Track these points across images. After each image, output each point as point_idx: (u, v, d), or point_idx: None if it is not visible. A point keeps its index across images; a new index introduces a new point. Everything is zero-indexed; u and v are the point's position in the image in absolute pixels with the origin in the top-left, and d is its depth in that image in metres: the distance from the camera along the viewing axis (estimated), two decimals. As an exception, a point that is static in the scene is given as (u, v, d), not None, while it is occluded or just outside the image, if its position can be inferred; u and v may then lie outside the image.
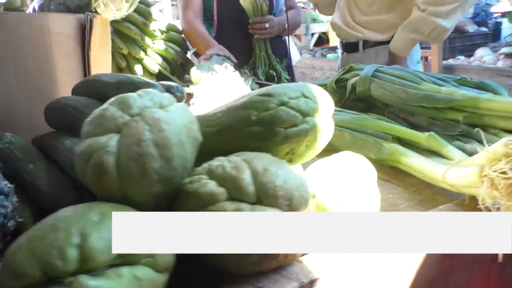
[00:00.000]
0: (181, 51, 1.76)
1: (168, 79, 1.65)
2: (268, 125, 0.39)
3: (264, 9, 1.82)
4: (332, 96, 1.02)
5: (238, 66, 1.74)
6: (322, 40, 7.73)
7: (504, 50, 2.64)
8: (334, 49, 4.20)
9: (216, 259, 0.34)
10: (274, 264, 0.37)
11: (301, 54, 4.15)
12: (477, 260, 0.50)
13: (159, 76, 1.69)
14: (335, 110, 0.86)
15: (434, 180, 0.57)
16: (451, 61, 2.86)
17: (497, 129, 0.66)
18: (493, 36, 4.31)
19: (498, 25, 5.71)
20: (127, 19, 1.55)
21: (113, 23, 1.54)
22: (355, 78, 0.91)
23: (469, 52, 3.17)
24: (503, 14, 6.35)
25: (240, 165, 0.35)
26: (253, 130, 0.39)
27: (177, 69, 1.77)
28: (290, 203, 0.34)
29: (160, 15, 1.71)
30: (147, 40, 1.62)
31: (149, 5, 1.63)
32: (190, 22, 1.82)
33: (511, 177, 0.43)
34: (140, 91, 0.35)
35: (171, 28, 1.76)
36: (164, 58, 1.71)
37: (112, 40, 1.54)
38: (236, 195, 0.33)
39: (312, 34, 7.32)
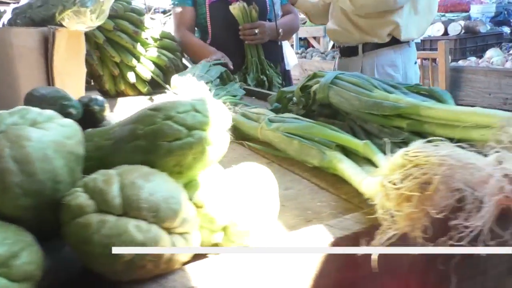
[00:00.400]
0: (175, 58, 1.80)
1: (161, 86, 1.69)
2: (151, 139, 0.41)
3: (253, 15, 1.84)
4: (298, 102, 1.04)
5: (231, 72, 1.77)
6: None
7: (515, 50, 2.57)
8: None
9: (89, 262, 0.36)
10: (150, 270, 0.38)
11: (312, 56, 4.15)
12: (388, 271, 0.50)
13: (153, 83, 1.73)
14: (292, 117, 0.87)
15: (359, 189, 0.57)
16: (460, 63, 2.80)
17: (436, 136, 0.65)
18: (513, 35, 4.17)
19: (520, 25, 5.52)
20: (118, 28, 1.60)
21: (105, 32, 1.59)
22: (317, 85, 0.92)
23: (481, 52, 3.08)
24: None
25: (111, 178, 0.36)
26: (138, 143, 0.41)
27: (171, 76, 1.81)
28: (157, 215, 0.36)
29: (154, 23, 1.75)
30: (139, 48, 1.66)
31: (141, 14, 1.68)
32: (185, 35, 1.87)
33: (401, 188, 0.43)
34: (15, 108, 0.37)
35: (165, 36, 1.80)
36: (157, 65, 1.75)
37: (104, 48, 1.60)
38: (103, 207, 0.35)
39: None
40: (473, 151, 0.58)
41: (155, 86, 1.73)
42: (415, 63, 1.80)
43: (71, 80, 0.94)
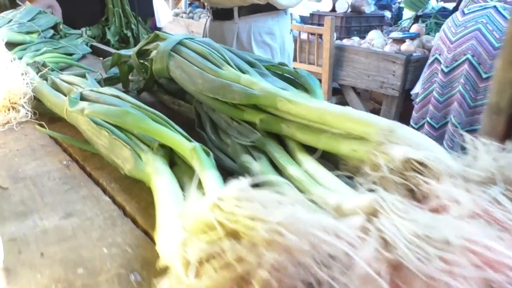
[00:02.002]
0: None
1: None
2: None
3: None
4: (138, 72, 0.77)
5: (86, 26, 1.40)
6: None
7: (393, 35, 2.61)
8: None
9: None
10: None
11: (199, 18, 3.81)
12: None
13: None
14: (112, 94, 0.61)
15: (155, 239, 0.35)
16: (345, 42, 2.77)
17: (295, 142, 0.46)
18: (395, 21, 4.37)
19: (400, 10, 5.90)
20: None
21: None
22: (155, 51, 0.66)
23: (365, 33, 3.11)
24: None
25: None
26: None
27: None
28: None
29: None
30: None
31: None
32: None
33: (203, 273, 0.22)
34: None
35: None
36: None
37: None
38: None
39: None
40: (340, 174, 0.40)
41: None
42: (290, 33, 1.64)
43: None
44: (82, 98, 0.60)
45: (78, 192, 0.46)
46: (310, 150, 0.45)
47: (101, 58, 1.21)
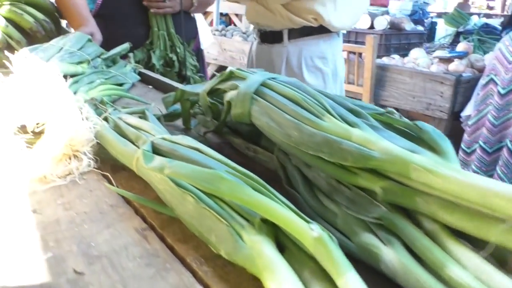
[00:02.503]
0: (48, 20, 1.32)
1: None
2: None
3: (164, -23, 1.43)
4: (206, 112, 0.70)
5: (130, 49, 1.35)
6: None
7: (439, 53, 2.48)
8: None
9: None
10: None
11: (232, 35, 3.78)
12: None
13: (11, 50, 1.25)
14: (189, 146, 0.53)
15: None
16: (385, 60, 2.67)
17: (437, 224, 0.37)
18: (428, 36, 4.25)
19: (433, 25, 5.76)
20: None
21: None
22: (233, 92, 0.58)
23: (404, 51, 3.00)
24: (439, 15, 6.44)
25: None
26: None
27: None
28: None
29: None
30: (-12, -1, 1.16)
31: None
32: None
33: None
34: None
35: (31, -13, 1.31)
36: (18, 27, 1.26)
37: None
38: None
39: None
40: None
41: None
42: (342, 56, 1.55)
43: None
44: (154, 148, 0.53)
45: (166, 278, 0.38)
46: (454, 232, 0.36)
47: (150, 87, 1.15)
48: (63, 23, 1.53)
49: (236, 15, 6.89)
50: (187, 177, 0.43)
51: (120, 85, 1.00)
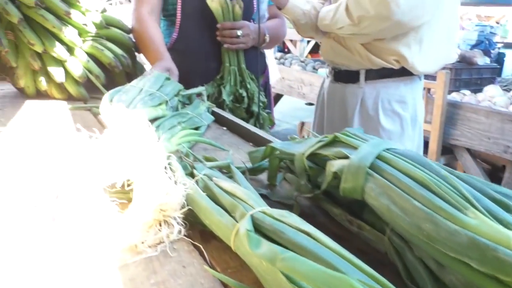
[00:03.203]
0: (126, 55, 1.35)
1: (98, 90, 1.24)
2: None
3: (237, 13, 1.42)
4: (300, 175, 0.63)
5: (200, 83, 1.34)
6: (319, 47, 7.38)
7: (518, 92, 2.30)
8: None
9: None
10: None
11: (290, 64, 3.76)
12: None
13: (90, 85, 1.28)
14: (297, 228, 0.47)
15: None
16: (456, 96, 2.51)
17: None
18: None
19: (501, 57, 5.42)
20: (43, 4, 1.13)
21: (23, 8, 1.12)
22: (341, 162, 0.52)
23: (475, 86, 2.82)
24: (507, 45, 6.06)
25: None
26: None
27: (119, 79, 1.36)
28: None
29: (98, 4, 1.29)
30: (73, 35, 1.20)
31: (80, -11, 1.21)
32: (142, 19, 1.40)
33: None
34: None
35: (113, 23, 1.34)
36: (98, 62, 1.29)
37: (20, 31, 1.13)
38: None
39: (308, 41, 6.97)
40: None
41: (94, 89, 1.28)
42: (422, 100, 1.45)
43: None
44: (255, 224, 0.47)
45: None
46: None
47: (224, 128, 1.12)
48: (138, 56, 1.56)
49: (291, 40, 6.91)
50: (307, 277, 0.37)
51: (197, 128, 0.98)
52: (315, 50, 7.43)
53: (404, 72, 1.24)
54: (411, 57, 1.17)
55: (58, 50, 1.15)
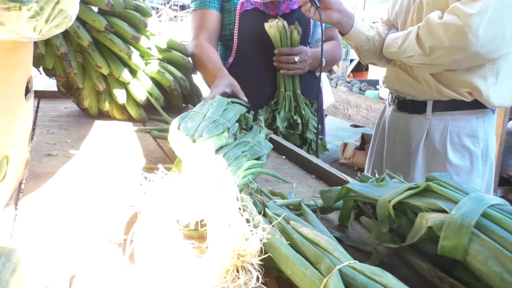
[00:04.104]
0: (185, 77, 1.36)
1: (156, 111, 1.25)
2: None
3: (295, 38, 1.41)
4: (382, 222, 0.57)
5: (254, 108, 1.33)
6: (361, 67, 7.27)
7: None
8: (374, 84, 3.72)
9: None
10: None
11: (336, 84, 3.71)
12: None
13: (149, 107, 1.30)
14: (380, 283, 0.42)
15: None
16: (514, 124, 2.37)
17: None
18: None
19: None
20: (112, 29, 1.16)
21: (93, 32, 1.16)
22: (437, 216, 0.48)
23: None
24: None
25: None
26: None
27: (176, 100, 1.38)
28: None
29: (161, 27, 1.31)
30: (137, 59, 1.23)
31: (146, 14, 1.25)
32: (201, 45, 1.42)
33: None
34: None
35: (174, 47, 1.36)
36: (158, 85, 1.31)
37: (89, 54, 1.16)
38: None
39: (351, 61, 6.89)
40: None
41: (152, 111, 1.29)
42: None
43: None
44: (344, 281, 0.44)
45: None
46: None
47: (283, 157, 1.10)
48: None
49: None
50: None
51: (258, 157, 0.96)
52: (356, 69, 7.33)
53: (476, 105, 1.16)
54: (486, 90, 1.11)
55: (123, 73, 1.18)
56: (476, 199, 0.47)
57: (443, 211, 0.48)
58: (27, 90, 0.65)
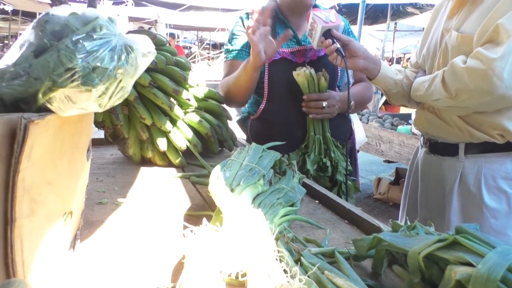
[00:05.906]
0: (220, 124, 1.45)
1: (195, 158, 1.33)
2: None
3: (322, 85, 1.47)
4: (414, 272, 0.61)
5: (286, 151, 1.39)
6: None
7: None
8: (407, 118, 3.72)
9: None
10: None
11: (368, 120, 3.73)
12: None
13: (188, 153, 1.38)
14: None
15: None
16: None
17: None
18: None
19: None
20: (156, 84, 1.27)
21: (139, 87, 1.27)
22: (465, 269, 0.51)
23: None
24: None
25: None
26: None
27: (213, 145, 1.45)
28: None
29: (199, 79, 1.41)
30: (177, 109, 1.32)
31: (185, 68, 1.35)
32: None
33: None
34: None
35: (210, 96, 1.46)
36: (196, 132, 1.40)
37: (134, 107, 1.27)
38: None
39: (382, 94, 6.89)
40: None
41: (190, 156, 1.37)
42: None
43: (57, 190, 0.58)
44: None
45: None
46: None
47: (317, 201, 1.14)
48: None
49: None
50: None
51: (292, 204, 1.00)
52: (388, 102, 7.29)
53: (509, 147, 1.16)
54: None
55: (164, 123, 1.27)
56: (502, 253, 0.50)
57: (471, 264, 0.51)
58: (87, 150, 0.73)
